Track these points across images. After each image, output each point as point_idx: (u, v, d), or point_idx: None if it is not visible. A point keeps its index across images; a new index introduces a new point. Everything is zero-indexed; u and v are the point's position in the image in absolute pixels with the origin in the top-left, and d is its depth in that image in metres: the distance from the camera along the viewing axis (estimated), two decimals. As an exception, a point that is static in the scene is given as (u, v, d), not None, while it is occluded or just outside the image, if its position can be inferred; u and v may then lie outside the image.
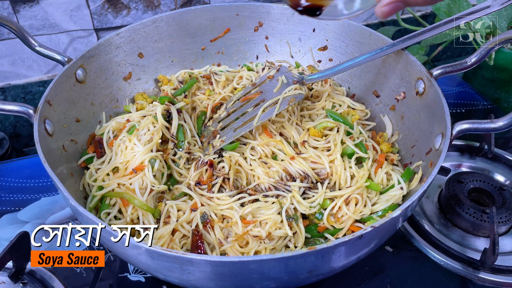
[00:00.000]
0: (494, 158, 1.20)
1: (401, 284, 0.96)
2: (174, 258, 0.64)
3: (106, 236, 0.69)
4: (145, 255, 0.66)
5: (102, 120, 1.05)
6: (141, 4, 1.32)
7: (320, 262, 0.67)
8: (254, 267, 0.64)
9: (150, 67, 1.15)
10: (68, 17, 1.29)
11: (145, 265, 0.72)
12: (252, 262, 0.63)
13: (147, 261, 0.69)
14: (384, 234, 0.73)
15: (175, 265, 0.65)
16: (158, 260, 0.66)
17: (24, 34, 0.94)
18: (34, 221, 1.06)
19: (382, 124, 1.08)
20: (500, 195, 1.08)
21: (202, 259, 0.61)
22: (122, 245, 0.67)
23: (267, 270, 0.65)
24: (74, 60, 0.96)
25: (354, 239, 0.65)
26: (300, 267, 0.66)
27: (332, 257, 0.67)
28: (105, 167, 0.91)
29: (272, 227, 0.83)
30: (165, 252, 0.63)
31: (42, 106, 0.86)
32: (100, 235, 0.69)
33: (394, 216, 0.68)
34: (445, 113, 0.85)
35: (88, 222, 0.71)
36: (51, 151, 0.85)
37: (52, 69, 1.37)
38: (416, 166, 0.92)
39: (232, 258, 0.63)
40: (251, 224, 0.83)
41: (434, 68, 0.94)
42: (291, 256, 0.63)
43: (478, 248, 1.02)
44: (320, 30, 1.16)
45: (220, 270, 0.65)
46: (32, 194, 1.13)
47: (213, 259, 0.62)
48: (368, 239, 0.68)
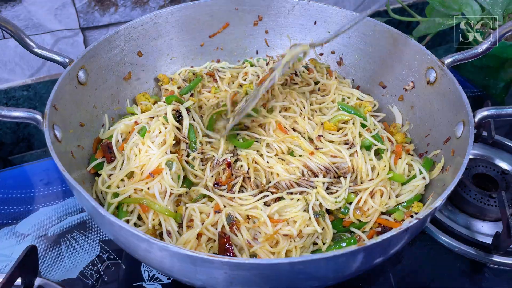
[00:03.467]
0: (493, 144, 1.22)
1: (420, 273, 0.96)
2: (220, 263, 0.61)
3: (133, 241, 0.66)
4: (187, 261, 0.63)
5: (105, 123, 1.00)
6: (129, 1, 1.26)
7: (365, 258, 0.66)
8: (303, 267, 0.62)
9: (149, 66, 1.11)
10: (52, 16, 1.22)
11: (178, 270, 0.69)
12: (302, 263, 0.61)
13: (182, 266, 0.66)
14: (422, 225, 0.73)
15: (220, 271, 0.62)
16: (200, 266, 0.63)
17: (21, 35, 0.88)
18: (35, 233, 0.99)
19: (391, 114, 1.08)
20: (503, 180, 1.10)
21: (254, 263, 0.59)
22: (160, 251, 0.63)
23: (315, 270, 0.63)
24: (75, 61, 0.91)
25: (401, 232, 0.64)
26: (346, 264, 0.65)
27: (379, 251, 0.66)
28: (118, 173, 0.87)
29: (302, 224, 0.81)
30: (211, 258, 0.60)
31: (49, 111, 0.80)
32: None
33: (436, 206, 0.68)
34: (463, 101, 0.85)
35: (111, 225, 0.67)
36: (62, 158, 0.80)
37: (36, 72, 1.29)
38: (433, 155, 0.92)
39: (283, 260, 0.61)
40: (280, 223, 0.80)
41: (445, 56, 0.94)
42: (342, 254, 0.61)
43: (487, 232, 1.03)
44: (321, 23, 1.14)
45: (268, 272, 0.63)
46: (29, 205, 1.06)
47: (264, 262, 0.60)
48: (411, 232, 0.68)
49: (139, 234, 0.63)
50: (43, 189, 1.08)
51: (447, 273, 0.97)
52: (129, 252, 0.75)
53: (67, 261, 0.93)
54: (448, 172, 0.84)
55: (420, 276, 0.96)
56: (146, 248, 0.66)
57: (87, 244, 0.96)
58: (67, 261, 0.93)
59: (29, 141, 1.31)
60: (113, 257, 0.93)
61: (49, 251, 0.95)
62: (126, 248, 0.75)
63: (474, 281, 0.96)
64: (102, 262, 0.93)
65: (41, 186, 1.09)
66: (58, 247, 0.96)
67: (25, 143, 1.30)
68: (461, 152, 0.80)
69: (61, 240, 0.97)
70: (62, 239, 0.97)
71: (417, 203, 0.87)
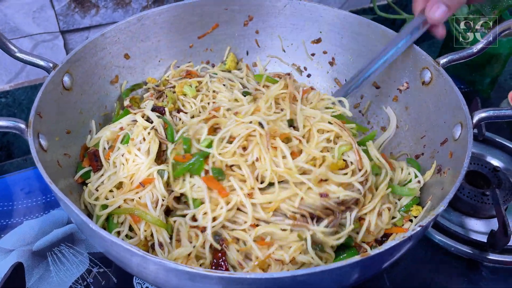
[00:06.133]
0: (484, 141, 1.22)
1: (416, 273, 0.96)
2: (219, 278, 0.58)
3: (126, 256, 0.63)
4: (185, 277, 0.60)
5: (92, 130, 0.96)
6: (110, 2, 1.21)
7: (368, 268, 0.64)
8: (305, 279, 0.60)
9: (137, 68, 1.07)
10: (30, 20, 1.15)
11: (174, 285, 0.66)
12: (304, 276, 0.59)
13: (179, 282, 0.63)
14: (425, 231, 0.71)
15: (219, 286, 0.60)
16: (199, 282, 0.60)
17: (2, 39, 0.83)
18: (20, 248, 0.94)
19: (384, 116, 1.06)
20: (495, 177, 1.10)
21: (256, 277, 0.56)
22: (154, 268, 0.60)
23: (318, 282, 0.61)
24: (60, 66, 0.87)
25: (404, 240, 0.62)
26: (350, 275, 0.63)
27: (381, 260, 0.64)
28: (107, 183, 0.83)
29: (297, 251, 0.74)
30: (208, 274, 0.58)
31: (34, 119, 0.76)
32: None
33: (438, 212, 0.66)
34: (460, 102, 0.84)
35: (102, 240, 0.63)
36: (47, 168, 0.76)
37: (14, 77, 1.22)
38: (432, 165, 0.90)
39: (285, 273, 0.58)
40: (272, 246, 0.74)
41: (440, 56, 0.93)
42: (343, 266, 0.59)
43: (481, 230, 1.04)
44: (313, 22, 1.12)
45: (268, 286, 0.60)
46: (12, 218, 1.00)
47: (266, 276, 0.57)
48: (415, 239, 0.66)
49: (133, 250, 0.60)
50: (26, 201, 1.04)
51: (443, 272, 0.96)
52: (122, 266, 0.72)
53: (55, 277, 0.89)
54: (446, 175, 0.83)
55: (415, 276, 0.96)
56: (140, 263, 0.63)
57: (75, 257, 0.92)
58: (54, 276, 0.89)
59: (8, 149, 1.25)
60: (103, 270, 0.90)
61: (35, 267, 0.91)
62: (119, 262, 0.72)
63: (471, 280, 0.96)
64: (92, 276, 0.89)
65: (23, 197, 1.04)
66: (45, 262, 0.92)
67: (4, 152, 1.24)
68: (460, 154, 0.79)
69: (47, 254, 0.93)
70: (49, 253, 0.93)
71: (416, 206, 0.85)
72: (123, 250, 0.62)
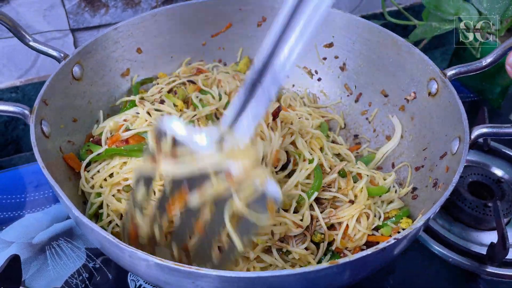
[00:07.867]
0: (489, 151, 1.18)
1: (413, 284, 0.94)
2: (187, 273, 0.60)
3: (115, 251, 0.65)
4: (155, 269, 0.62)
5: (100, 120, 1.00)
6: (120, 2, 1.24)
7: (340, 276, 0.64)
8: (275, 280, 0.60)
9: (149, 63, 1.10)
10: (41, 18, 1.19)
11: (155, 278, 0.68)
12: (272, 277, 0.59)
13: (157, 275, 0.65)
14: (406, 243, 0.70)
15: (188, 280, 0.61)
16: (169, 274, 0.62)
17: (17, 28, 0.88)
18: (20, 241, 0.96)
19: (390, 124, 1.05)
20: (498, 188, 1.07)
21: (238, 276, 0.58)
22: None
23: (288, 285, 0.62)
24: (70, 56, 0.91)
25: (377, 252, 0.62)
26: (317, 282, 0.63)
27: (354, 269, 0.64)
28: (102, 172, 0.86)
29: (262, 250, 0.76)
30: (177, 267, 0.59)
31: (38, 106, 0.80)
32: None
33: (417, 227, 0.65)
34: (461, 116, 0.82)
35: (94, 235, 0.66)
36: (47, 153, 0.80)
37: (24, 73, 1.26)
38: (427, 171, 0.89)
39: (244, 274, 0.59)
40: None
41: (448, 68, 0.91)
42: (311, 271, 0.59)
43: (482, 242, 1.01)
44: (326, 26, 1.11)
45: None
46: (15, 211, 1.02)
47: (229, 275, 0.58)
48: (389, 251, 0.65)
49: (122, 246, 0.61)
50: (29, 195, 1.05)
51: (441, 284, 0.94)
52: (116, 261, 0.74)
53: (51, 270, 0.90)
54: (440, 190, 0.81)
55: (413, 286, 0.94)
56: (130, 258, 0.64)
57: (72, 252, 0.93)
58: (51, 270, 0.90)
59: (17, 144, 1.29)
60: (99, 266, 0.91)
61: (33, 260, 0.92)
62: (112, 257, 0.73)
63: (468, 293, 0.94)
64: (88, 271, 0.90)
65: (28, 191, 1.06)
66: (43, 255, 0.93)
67: (13, 146, 1.28)
68: (454, 169, 0.77)
69: (46, 248, 0.94)
70: (48, 247, 0.94)
71: (406, 219, 0.84)
72: (114, 246, 0.63)
